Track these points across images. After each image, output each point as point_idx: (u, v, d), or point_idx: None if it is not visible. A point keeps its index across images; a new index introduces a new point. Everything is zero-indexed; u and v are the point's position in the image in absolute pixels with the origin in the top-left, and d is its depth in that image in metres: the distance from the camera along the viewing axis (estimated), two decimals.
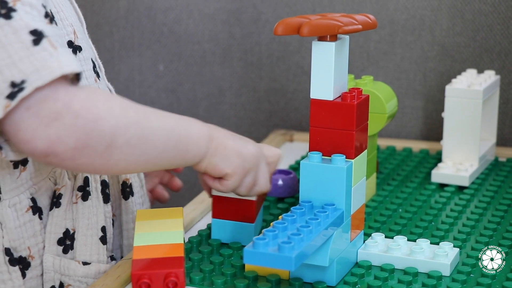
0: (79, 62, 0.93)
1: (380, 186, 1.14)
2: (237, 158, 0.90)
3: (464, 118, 1.15)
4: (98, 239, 0.95)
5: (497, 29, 1.32)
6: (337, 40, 0.86)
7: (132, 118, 0.82)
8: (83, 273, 0.93)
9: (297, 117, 1.45)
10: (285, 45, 1.43)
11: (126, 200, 0.99)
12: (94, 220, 0.94)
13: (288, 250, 0.76)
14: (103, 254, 0.95)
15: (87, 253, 0.94)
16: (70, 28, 0.93)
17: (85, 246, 0.94)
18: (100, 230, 0.95)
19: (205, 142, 0.88)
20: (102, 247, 0.95)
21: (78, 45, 0.94)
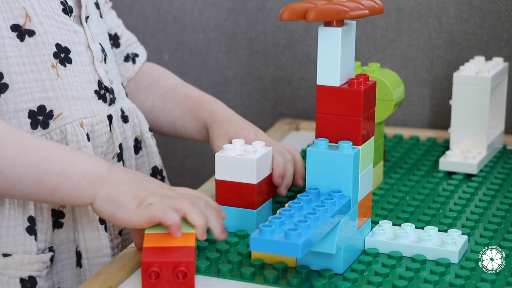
0: (28, 46, 0.92)
1: (387, 174, 1.13)
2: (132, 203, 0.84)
3: (472, 105, 1.14)
4: (24, 229, 0.92)
5: (505, 15, 1.31)
6: (343, 25, 0.85)
7: None
8: (4, 264, 0.92)
9: (303, 106, 1.44)
10: (290, 33, 1.42)
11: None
12: (19, 211, 0.92)
13: (294, 237, 0.76)
14: (31, 245, 0.93)
15: (10, 244, 0.92)
16: (19, 11, 0.92)
17: (6, 237, 0.92)
18: (26, 220, 0.93)
19: (89, 186, 0.85)
20: (29, 237, 0.93)
21: (29, 29, 0.93)
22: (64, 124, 0.96)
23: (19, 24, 0.92)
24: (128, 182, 0.86)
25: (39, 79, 0.94)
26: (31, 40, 0.93)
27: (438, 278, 0.84)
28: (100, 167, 0.87)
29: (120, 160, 1.02)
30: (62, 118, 0.95)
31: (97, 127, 0.99)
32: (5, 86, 0.92)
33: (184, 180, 1.54)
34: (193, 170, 1.54)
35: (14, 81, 0.92)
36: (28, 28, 0.93)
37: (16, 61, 0.92)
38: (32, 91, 0.93)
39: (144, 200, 0.85)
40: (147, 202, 0.84)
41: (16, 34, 0.92)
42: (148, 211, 0.84)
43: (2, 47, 0.91)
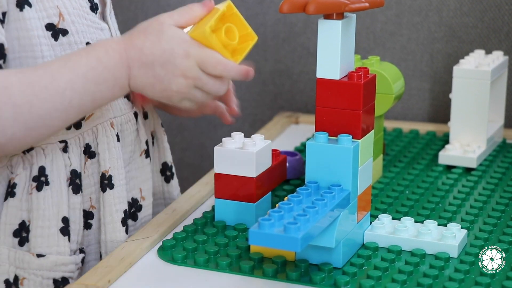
0: (62, 46, 0.91)
1: (386, 168, 1.13)
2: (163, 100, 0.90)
3: (472, 99, 1.14)
4: (57, 230, 0.91)
5: (505, 9, 1.31)
6: (343, 18, 0.85)
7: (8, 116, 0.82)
8: (37, 265, 0.91)
9: (303, 99, 1.44)
10: (290, 26, 1.42)
11: (104, 193, 0.95)
12: (54, 211, 0.91)
13: (294, 231, 0.75)
14: (64, 246, 0.92)
15: (44, 244, 0.91)
16: (53, 10, 0.90)
17: (41, 237, 0.91)
18: (60, 221, 0.92)
19: (121, 91, 0.89)
20: (63, 238, 0.92)
21: (62, 28, 0.91)
22: (96, 124, 0.94)
23: (53, 23, 0.91)
24: (148, 86, 0.88)
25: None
26: (65, 39, 0.91)
27: (437, 272, 0.84)
28: (118, 77, 0.88)
29: (148, 157, 1.01)
30: (94, 118, 0.94)
31: (126, 126, 0.98)
32: None
33: (182, 173, 1.54)
34: (192, 163, 1.53)
35: None
36: (61, 28, 0.91)
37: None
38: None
39: (172, 100, 0.89)
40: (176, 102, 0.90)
41: (50, 33, 0.90)
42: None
43: (39, 47, 0.89)
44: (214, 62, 0.87)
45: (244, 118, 1.47)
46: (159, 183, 1.06)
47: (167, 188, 1.07)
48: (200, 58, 0.87)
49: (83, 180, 0.94)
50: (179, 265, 0.87)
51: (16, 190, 0.91)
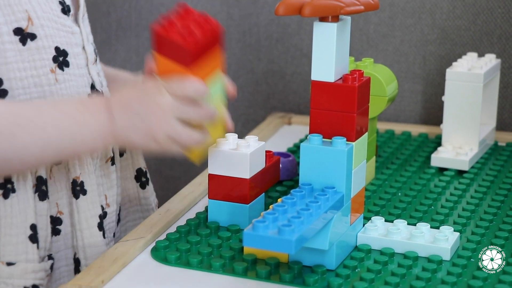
0: (30, 51, 0.89)
1: (379, 170, 1.13)
2: (149, 143, 0.87)
3: (465, 101, 1.15)
4: (26, 237, 0.90)
5: (498, 12, 1.31)
6: (339, 21, 0.85)
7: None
8: (7, 273, 0.90)
9: (296, 100, 1.44)
10: (284, 26, 1.42)
11: (77, 199, 0.95)
12: (22, 218, 0.90)
13: (288, 233, 0.76)
14: (33, 253, 0.91)
15: (13, 252, 0.90)
16: (22, 14, 0.89)
17: (9, 245, 0.90)
18: (28, 228, 0.91)
19: (103, 142, 0.87)
20: (32, 245, 0.91)
21: (31, 32, 0.90)
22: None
23: (21, 28, 0.89)
24: (130, 126, 0.87)
25: (38, 85, 0.91)
26: (33, 44, 0.90)
27: (430, 275, 0.84)
28: (101, 121, 0.87)
29: (113, 164, 1.00)
30: None
31: None
32: (4, 92, 0.88)
33: (175, 173, 1.54)
34: (184, 163, 1.53)
35: (14, 87, 0.89)
36: (30, 32, 0.90)
37: (16, 66, 0.89)
38: (32, 97, 0.90)
39: (157, 139, 0.87)
40: (162, 142, 0.87)
41: (18, 38, 0.89)
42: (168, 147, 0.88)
43: (3, 53, 0.88)
44: (179, 81, 0.86)
45: (237, 118, 1.47)
46: (134, 190, 1.06)
47: (143, 194, 1.06)
48: (166, 83, 0.87)
49: (49, 186, 0.93)
50: (172, 266, 0.87)
51: None
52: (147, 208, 1.06)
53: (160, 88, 0.87)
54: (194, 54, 0.85)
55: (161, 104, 0.86)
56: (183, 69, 0.85)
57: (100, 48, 1.50)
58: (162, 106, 0.86)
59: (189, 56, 0.84)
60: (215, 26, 0.87)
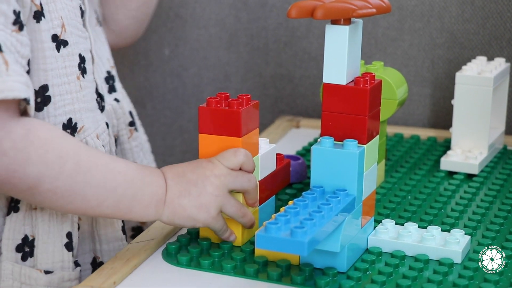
0: (62, 58, 0.90)
1: (388, 173, 1.13)
2: (200, 212, 0.87)
3: (474, 105, 1.15)
4: (62, 245, 0.91)
5: (507, 16, 1.31)
6: (350, 23, 0.85)
7: (66, 170, 0.80)
8: (46, 282, 0.90)
9: (304, 103, 1.44)
10: (292, 30, 1.42)
11: None
12: (58, 227, 0.91)
13: (301, 235, 0.76)
14: (68, 261, 0.92)
15: (49, 260, 0.91)
16: (58, 21, 0.90)
17: (46, 253, 0.91)
18: (65, 236, 0.91)
19: (156, 207, 0.86)
20: (67, 254, 0.92)
21: (64, 39, 0.90)
22: (85, 136, 0.94)
23: (57, 34, 0.89)
24: (184, 193, 0.87)
25: (69, 91, 0.91)
26: (65, 50, 0.90)
27: (441, 278, 0.84)
28: (160, 185, 0.86)
29: None
30: (84, 131, 0.94)
31: (103, 137, 0.98)
32: (48, 98, 0.89)
33: None
34: None
35: (55, 93, 0.89)
36: (63, 39, 0.90)
37: (54, 73, 0.89)
38: (65, 103, 0.91)
39: (209, 209, 0.87)
40: (214, 213, 0.87)
41: (55, 44, 0.89)
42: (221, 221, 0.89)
43: (48, 59, 0.88)
44: (232, 151, 0.88)
45: None
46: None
47: None
48: (220, 155, 0.88)
49: None
50: (183, 268, 0.87)
51: (20, 205, 0.90)
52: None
53: (213, 160, 0.88)
54: (243, 120, 0.88)
55: (217, 173, 0.87)
56: (234, 139, 0.88)
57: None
58: (217, 175, 0.87)
59: (238, 122, 0.88)
60: (255, 103, 0.92)
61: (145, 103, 1.52)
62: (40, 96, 0.88)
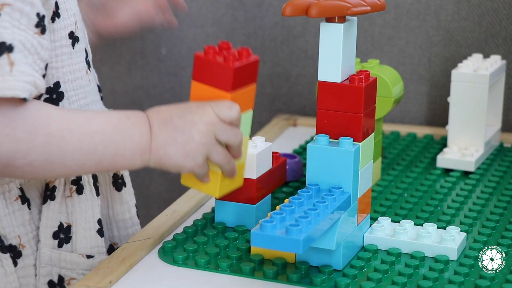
0: (76, 53, 0.91)
1: (384, 171, 1.13)
2: (187, 160, 0.86)
3: (470, 103, 1.15)
4: (95, 232, 0.94)
5: (503, 13, 1.32)
6: (345, 21, 0.86)
7: (38, 143, 0.81)
8: (88, 266, 0.93)
9: (301, 102, 1.44)
10: (288, 29, 1.42)
11: (119, 192, 0.98)
12: (90, 213, 0.94)
13: (296, 233, 0.76)
14: (102, 246, 0.95)
15: (88, 246, 0.94)
16: (73, 18, 0.91)
17: (85, 239, 0.93)
18: (96, 223, 0.94)
19: (141, 157, 0.86)
20: (100, 239, 0.94)
21: (77, 36, 0.92)
22: None
23: (73, 31, 0.91)
24: (170, 140, 0.85)
25: (81, 86, 0.93)
26: (77, 46, 0.92)
27: (437, 275, 0.84)
28: (143, 135, 0.85)
29: None
30: None
31: None
32: (62, 94, 0.90)
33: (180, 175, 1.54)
34: None
35: (68, 89, 0.91)
36: (77, 35, 0.92)
37: (69, 69, 0.91)
38: (79, 98, 0.93)
39: (196, 156, 0.86)
40: (200, 161, 0.86)
41: (71, 41, 0.91)
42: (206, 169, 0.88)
43: (60, 57, 0.89)
44: (228, 104, 0.86)
45: None
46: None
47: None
48: (215, 104, 0.86)
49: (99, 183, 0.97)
50: (179, 266, 0.87)
51: (56, 193, 0.92)
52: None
53: (204, 106, 0.86)
54: (234, 76, 0.85)
55: (205, 120, 0.85)
56: (224, 93, 0.86)
57: (105, 50, 1.50)
58: (205, 122, 0.85)
59: (230, 77, 0.85)
60: (255, 60, 0.88)
61: (142, 103, 1.52)
62: (55, 92, 0.90)
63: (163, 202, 1.50)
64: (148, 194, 1.56)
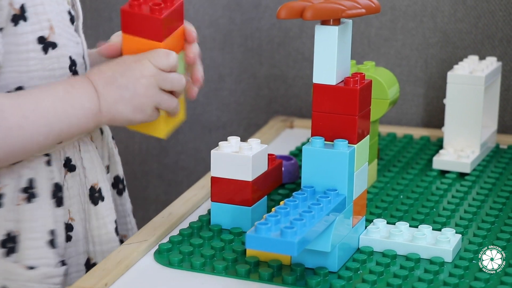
0: (50, 59, 0.91)
1: (381, 172, 1.13)
2: (136, 114, 0.91)
3: (466, 104, 1.15)
4: (45, 242, 0.92)
5: (499, 15, 1.32)
6: (340, 24, 0.86)
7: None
8: (27, 277, 0.91)
9: (297, 104, 1.45)
10: (285, 30, 1.42)
11: (95, 206, 0.97)
12: (41, 223, 0.92)
13: (290, 235, 0.76)
14: (52, 258, 0.92)
15: (33, 256, 0.92)
16: (46, 23, 0.90)
17: (30, 249, 0.91)
18: (48, 233, 0.92)
19: (94, 120, 0.90)
20: (50, 251, 0.92)
21: (52, 41, 0.91)
22: (77, 139, 0.96)
23: (44, 36, 0.90)
24: (118, 98, 0.91)
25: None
26: (54, 52, 0.92)
27: (432, 277, 0.84)
28: (91, 99, 0.90)
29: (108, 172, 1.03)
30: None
31: (95, 135, 0.99)
32: None
33: (177, 177, 1.54)
34: (186, 167, 1.54)
35: None
36: (51, 41, 0.91)
37: (37, 75, 0.90)
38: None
39: (144, 109, 0.92)
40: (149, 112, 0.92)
41: (41, 46, 0.90)
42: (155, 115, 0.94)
43: (26, 61, 0.89)
44: (164, 53, 0.91)
45: (239, 122, 1.48)
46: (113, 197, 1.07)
47: (120, 200, 1.07)
48: (151, 55, 0.91)
49: (62, 193, 0.95)
50: (175, 269, 0.87)
51: (3, 200, 0.91)
52: (124, 215, 1.07)
53: (142, 60, 0.91)
54: (164, 25, 0.90)
55: (146, 74, 0.91)
56: (156, 44, 0.91)
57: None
58: (147, 76, 0.91)
59: (159, 28, 0.90)
60: (180, 3, 0.93)
61: None
62: None
63: (160, 204, 1.51)
64: (145, 196, 1.56)
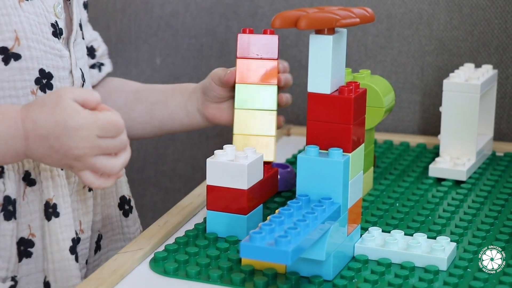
0: (12, 71, 0.90)
1: (377, 180, 1.14)
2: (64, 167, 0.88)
3: (462, 112, 1.15)
4: None
5: (495, 23, 1.32)
6: (334, 33, 0.86)
7: None
8: None
9: (294, 111, 1.45)
10: (282, 39, 1.43)
11: (48, 222, 0.95)
12: None
13: (284, 244, 0.76)
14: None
15: None
16: (10, 34, 0.90)
17: None
18: None
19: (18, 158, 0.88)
20: None
21: (16, 53, 0.91)
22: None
23: (7, 47, 0.90)
24: (46, 157, 0.86)
25: (17, 105, 0.90)
26: (16, 64, 0.91)
27: (426, 285, 0.84)
28: (18, 147, 0.86)
29: (90, 190, 1.00)
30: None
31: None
32: None
33: (175, 185, 1.54)
34: (184, 175, 1.54)
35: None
36: (15, 52, 0.90)
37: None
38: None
39: (74, 167, 0.87)
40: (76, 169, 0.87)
41: (2, 57, 0.90)
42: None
43: None
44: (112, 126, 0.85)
45: None
46: (117, 218, 1.06)
47: (126, 222, 1.06)
48: (97, 126, 0.84)
49: (21, 207, 0.93)
50: (171, 277, 0.87)
51: None
52: (130, 237, 1.07)
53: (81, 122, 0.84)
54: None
55: (80, 144, 0.84)
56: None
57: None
58: (80, 145, 0.84)
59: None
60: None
61: None
62: None
63: (157, 212, 1.51)
64: (143, 204, 1.56)
